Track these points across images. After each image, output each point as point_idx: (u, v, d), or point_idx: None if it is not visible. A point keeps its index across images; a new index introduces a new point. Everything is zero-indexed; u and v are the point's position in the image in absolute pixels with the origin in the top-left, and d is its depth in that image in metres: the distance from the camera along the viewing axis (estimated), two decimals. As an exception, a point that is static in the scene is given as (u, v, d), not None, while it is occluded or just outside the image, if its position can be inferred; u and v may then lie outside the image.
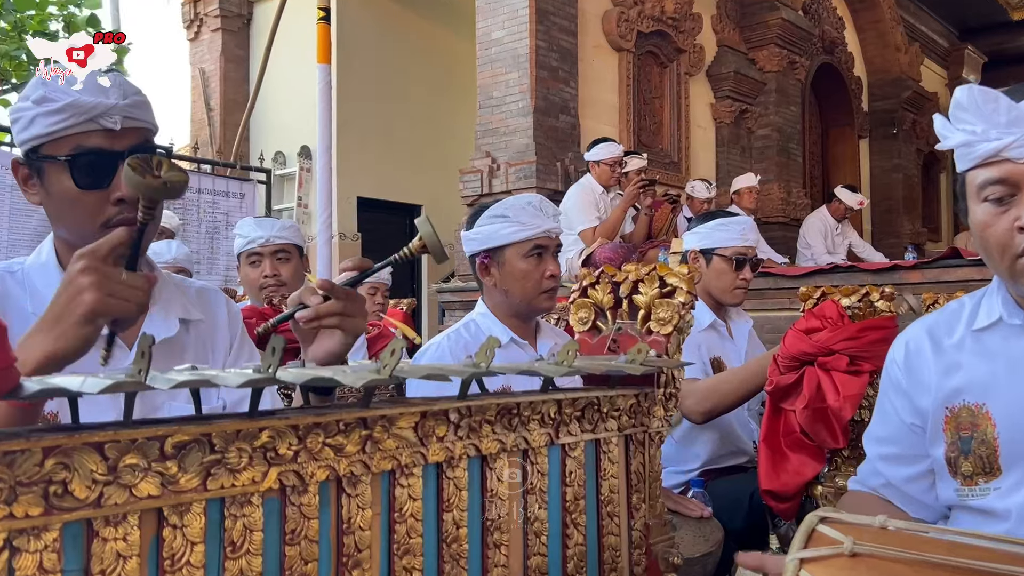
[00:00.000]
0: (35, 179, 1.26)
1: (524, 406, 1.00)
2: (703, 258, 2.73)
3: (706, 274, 2.71)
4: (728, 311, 2.78)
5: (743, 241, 2.71)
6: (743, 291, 2.70)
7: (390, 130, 9.22)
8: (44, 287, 1.27)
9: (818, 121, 11.12)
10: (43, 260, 1.31)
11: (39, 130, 1.21)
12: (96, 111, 1.20)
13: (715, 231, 2.74)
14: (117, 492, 0.67)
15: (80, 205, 1.23)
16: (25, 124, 1.22)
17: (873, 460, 1.42)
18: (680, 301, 1.35)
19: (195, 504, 0.72)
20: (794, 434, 2.03)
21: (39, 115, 1.20)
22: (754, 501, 2.27)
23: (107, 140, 1.22)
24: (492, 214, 2.09)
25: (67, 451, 0.64)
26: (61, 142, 1.21)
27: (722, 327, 2.72)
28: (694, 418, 2.39)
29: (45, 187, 1.25)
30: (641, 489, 1.20)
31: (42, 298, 1.25)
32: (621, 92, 7.77)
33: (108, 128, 1.21)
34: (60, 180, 1.22)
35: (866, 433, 1.47)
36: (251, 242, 2.72)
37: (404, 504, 0.87)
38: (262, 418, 0.77)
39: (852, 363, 1.97)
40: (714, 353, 2.60)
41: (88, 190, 1.22)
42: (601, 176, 5.51)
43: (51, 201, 1.26)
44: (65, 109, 1.19)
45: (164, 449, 0.70)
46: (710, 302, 2.71)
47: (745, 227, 2.74)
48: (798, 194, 9.38)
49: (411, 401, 0.92)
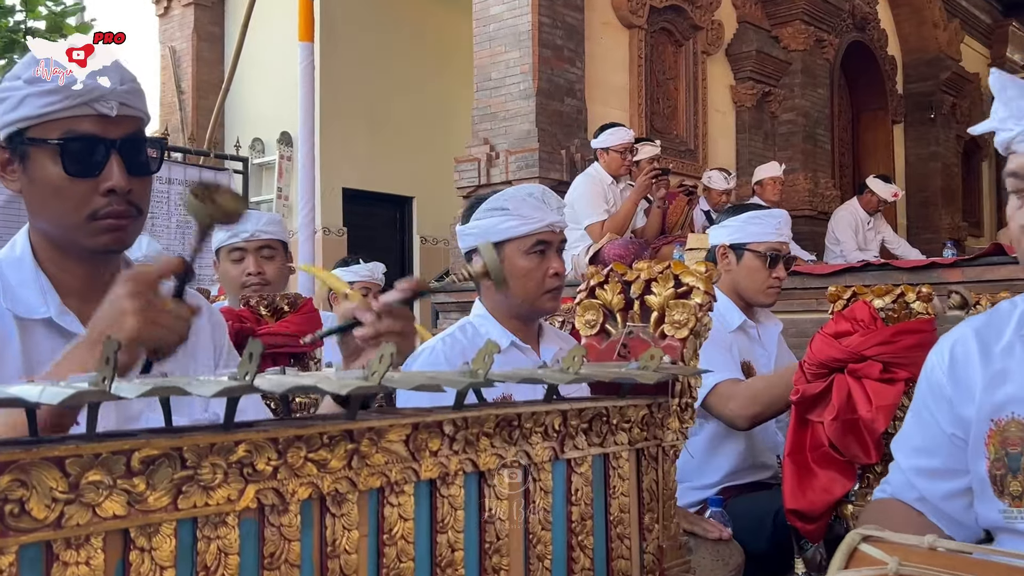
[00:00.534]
0: (16, 164, 1.27)
1: (526, 417, 1.00)
2: (733, 254, 2.74)
3: (736, 272, 2.73)
4: (757, 313, 2.80)
5: (778, 236, 2.72)
6: (776, 291, 2.72)
7: (378, 115, 9.22)
8: (18, 283, 1.28)
9: (848, 105, 11.12)
10: (17, 255, 1.31)
11: (28, 111, 1.22)
12: (92, 95, 1.22)
13: (748, 225, 2.75)
14: (79, 512, 0.67)
15: (67, 194, 1.24)
16: (13, 104, 1.23)
17: (907, 472, 1.41)
18: (697, 302, 1.35)
19: (165, 525, 0.72)
20: (822, 448, 2.03)
21: (30, 95, 1.21)
22: (778, 521, 2.27)
23: (100, 126, 1.23)
24: (490, 207, 2.09)
25: (24, 467, 0.64)
26: (51, 125, 1.22)
27: (752, 329, 2.74)
28: (739, 423, 2.42)
29: (28, 173, 1.26)
30: (654, 508, 1.20)
31: (15, 294, 1.27)
32: (632, 73, 7.77)
33: (103, 114, 1.23)
34: (46, 166, 1.23)
35: (897, 441, 1.46)
36: (233, 236, 2.73)
37: (394, 525, 0.87)
38: (238, 430, 0.77)
39: (886, 370, 1.96)
40: (743, 357, 2.62)
41: (77, 178, 1.23)
42: (610, 165, 5.51)
43: (34, 189, 1.26)
44: (59, 91, 1.20)
45: (131, 464, 0.70)
46: (739, 302, 2.73)
47: (780, 221, 2.76)
48: (826, 185, 9.39)
49: (402, 412, 0.92)
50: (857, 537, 0.83)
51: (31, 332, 1.26)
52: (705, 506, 2.33)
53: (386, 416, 0.88)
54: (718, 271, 2.76)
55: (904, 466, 1.42)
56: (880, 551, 0.80)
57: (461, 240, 2.15)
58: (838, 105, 10.49)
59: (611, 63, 7.61)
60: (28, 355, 1.25)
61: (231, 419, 0.78)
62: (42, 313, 1.27)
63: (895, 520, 1.36)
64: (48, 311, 1.27)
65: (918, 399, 1.42)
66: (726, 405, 2.43)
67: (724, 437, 2.55)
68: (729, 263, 2.74)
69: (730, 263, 2.74)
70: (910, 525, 1.35)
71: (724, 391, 2.44)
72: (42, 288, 1.28)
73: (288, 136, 8.96)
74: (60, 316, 1.27)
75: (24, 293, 1.27)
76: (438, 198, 8.98)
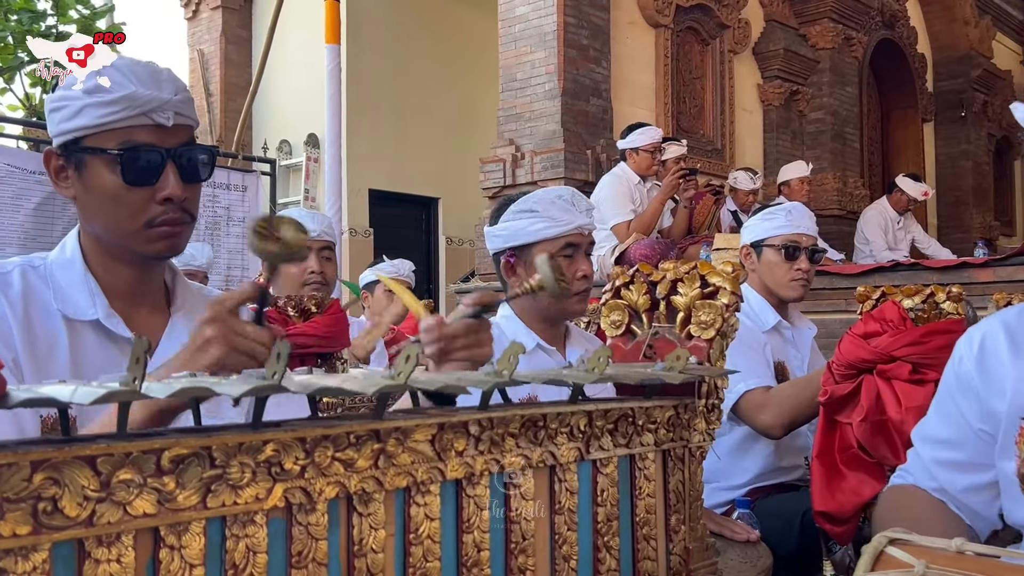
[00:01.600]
0: (71, 171, 1.30)
1: (551, 418, 1.01)
2: (754, 252, 2.77)
3: (760, 269, 2.75)
4: (791, 315, 2.79)
5: (793, 228, 2.73)
6: (801, 283, 2.71)
7: (404, 116, 9.26)
8: (68, 285, 1.31)
9: (877, 103, 11.02)
10: (68, 257, 1.34)
11: (86, 121, 1.25)
12: (150, 105, 1.25)
13: (761, 222, 2.80)
14: (110, 510, 0.68)
15: (124, 202, 1.27)
16: (70, 114, 1.26)
17: (927, 462, 1.39)
18: (723, 303, 1.34)
19: (194, 523, 0.73)
20: (851, 450, 2.01)
21: (88, 105, 1.24)
22: (806, 523, 2.25)
23: (157, 136, 1.27)
24: (519, 208, 2.10)
25: (57, 465, 0.65)
26: (108, 135, 1.25)
27: (787, 331, 2.75)
28: (773, 433, 2.43)
29: (84, 180, 1.28)
30: (680, 509, 1.20)
31: (65, 295, 1.30)
32: (658, 72, 7.74)
33: (159, 124, 1.26)
34: (104, 174, 1.26)
35: (919, 430, 1.44)
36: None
37: (420, 524, 0.88)
38: (266, 430, 0.77)
39: (915, 371, 1.95)
40: (777, 357, 2.63)
41: (135, 187, 1.26)
42: (639, 165, 5.49)
43: (90, 196, 1.29)
44: (119, 101, 1.24)
45: (161, 463, 0.71)
46: (772, 300, 2.74)
47: (792, 212, 2.77)
48: (855, 184, 9.31)
49: (427, 412, 0.92)
50: (884, 540, 0.83)
51: (79, 333, 1.29)
52: (733, 507, 2.32)
53: (412, 416, 0.89)
54: (744, 271, 2.76)
55: (925, 456, 1.40)
56: (907, 554, 0.80)
57: (489, 241, 2.16)
58: (867, 104, 10.40)
59: (637, 63, 7.58)
60: (75, 355, 1.28)
61: (259, 419, 0.79)
62: (90, 315, 1.30)
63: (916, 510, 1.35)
64: (96, 313, 1.30)
65: (943, 390, 1.40)
66: (758, 416, 2.43)
67: (754, 439, 2.54)
68: (752, 262, 2.78)
69: (753, 262, 2.78)
70: (931, 515, 1.33)
71: (755, 401, 2.44)
72: (91, 291, 1.31)
73: (315, 138, 9.01)
74: (107, 319, 1.30)
75: (74, 294, 1.31)
76: (464, 199, 9.00)
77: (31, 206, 6.18)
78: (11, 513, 0.63)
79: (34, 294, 1.29)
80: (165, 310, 1.41)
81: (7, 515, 0.63)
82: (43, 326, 1.27)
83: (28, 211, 6.17)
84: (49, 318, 1.28)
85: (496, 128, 7.23)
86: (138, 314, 1.36)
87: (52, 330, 1.28)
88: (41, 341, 1.26)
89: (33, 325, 1.26)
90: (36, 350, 1.25)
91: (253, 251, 1.07)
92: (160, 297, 1.42)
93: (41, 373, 1.23)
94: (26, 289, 1.29)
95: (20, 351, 1.23)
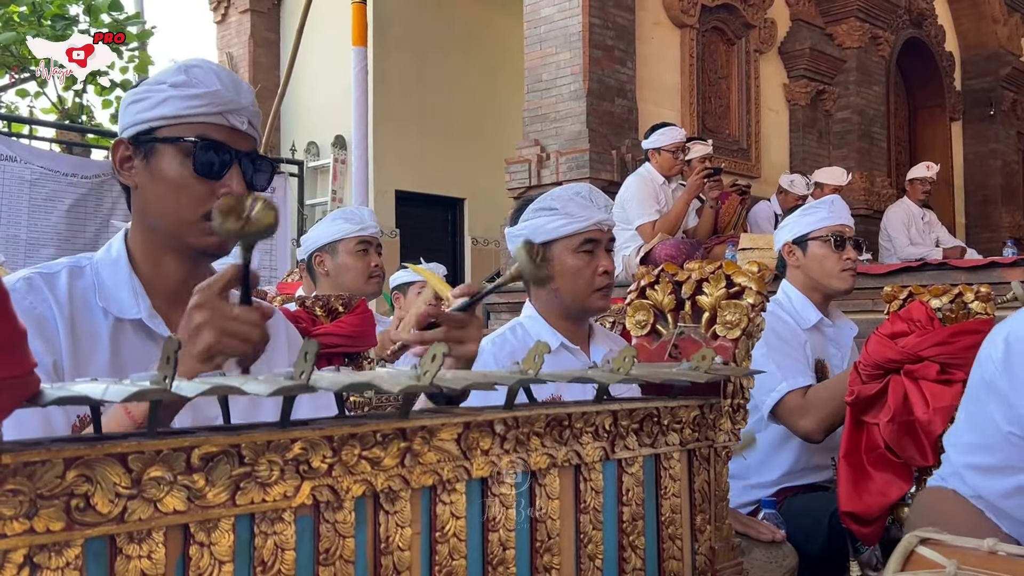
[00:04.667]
0: (138, 160, 1.34)
1: (576, 417, 1.00)
2: (798, 249, 2.76)
3: (806, 265, 2.74)
4: (832, 312, 2.78)
5: (836, 219, 2.74)
6: (851, 273, 2.71)
7: (430, 118, 9.28)
8: (113, 285, 1.34)
9: (904, 102, 10.92)
10: (113, 257, 1.37)
11: (168, 111, 1.30)
12: (230, 106, 1.32)
13: (802, 218, 2.79)
14: (141, 507, 0.68)
15: (188, 191, 1.31)
16: (152, 104, 1.31)
17: (959, 468, 1.36)
18: (749, 302, 1.34)
19: (223, 520, 0.73)
20: (878, 450, 2.00)
21: (173, 97, 1.30)
22: (833, 524, 2.24)
23: (229, 137, 1.33)
24: (538, 207, 2.10)
25: (89, 462, 0.66)
26: (185, 127, 1.31)
27: (828, 328, 2.73)
28: (814, 437, 2.42)
29: (151, 168, 1.33)
30: (706, 509, 1.19)
31: (109, 294, 1.33)
32: (684, 72, 7.71)
33: (234, 126, 1.33)
34: (173, 164, 1.31)
35: (950, 436, 1.41)
36: (363, 228, 2.90)
37: (446, 523, 0.88)
38: (294, 428, 0.78)
39: (943, 371, 1.93)
40: (817, 355, 2.62)
41: (203, 177, 1.31)
42: (662, 165, 5.47)
43: (153, 184, 1.33)
44: (204, 96, 1.30)
45: (191, 461, 0.71)
46: (816, 297, 2.72)
47: (834, 204, 2.79)
48: (882, 183, 9.23)
49: (453, 411, 0.93)
50: (914, 539, 0.82)
51: (122, 331, 1.32)
52: (758, 508, 2.31)
53: (438, 415, 0.89)
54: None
55: (957, 462, 1.36)
56: (938, 554, 0.79)
57: (510, 242, 2.16)
58: (894, 102, 10.30)
59: (662, 63, 7.56)
60: (117, 353, 1.30)
61: (287, 417, 0.79)
62: (134, 314, 1.32)
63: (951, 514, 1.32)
64: (139, 312, 1.32)
65: (970, 393, 1.37)
66: (798, 421, 2.42)
67: (787, 436, 2.53)
68: (797, 258, 2.76)
69: (798, 258, 2.75)
70: (967, 520, 1.31)
71: (794, 406, 2.43)
72: (135, 290, 1.33)
73: (342, 139, 9.06)
74: (150, 318, 1.33)
75: (118, 293, 1.33)
76: (489, 199, 9.01)
77: (64, 208, 6.26)
78: (45, 510, 0.64)
79: (79, 293, 1.31)
80: None
81: (41, 511, 0.64)
82: (87, 324, 1.30)
83: (61, 213, 6.26)
84: (92, 316, 1.31)
85: (521, 129, 7.24)
86: (178, 314, 1.37)
87: (95, 328, 1.30)
88: (84, 340, 1.28)
89: (77, 324, 1.29)
90: (79, 350, 1.27)
91: (220, 231, 1.01)
92: None
93: (82, 372, 1.24)
94: (72, 289, 1.31)
95: (64, 353, 1.25)
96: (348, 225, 2.91)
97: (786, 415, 2.44)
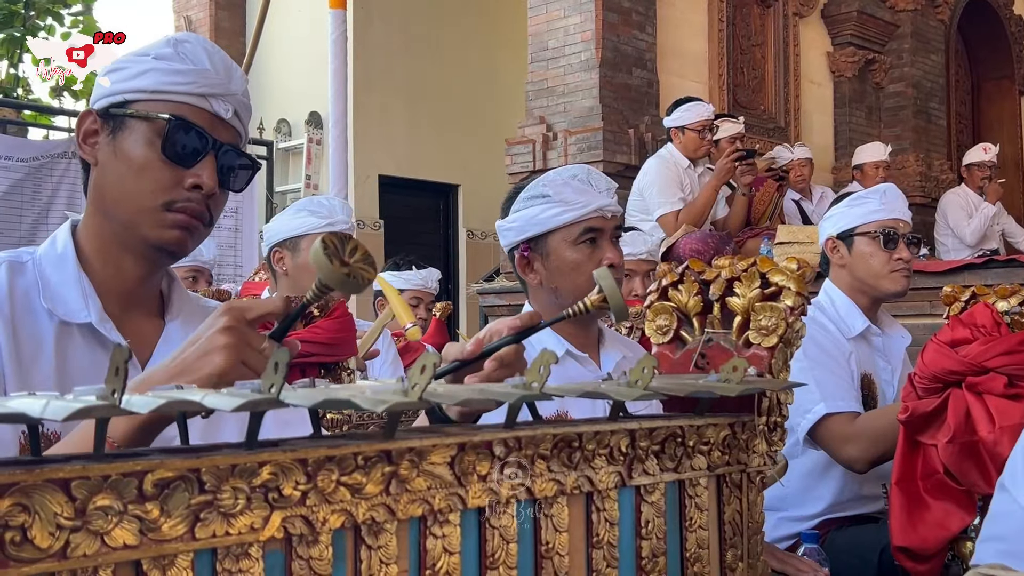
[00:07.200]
0: (104, 135, 1.35)
1: (588, 437, 1.00)
2: (843, 245, 2.75)
3: (851, 263, 2.72)
4: (882, 319, 2.77)
5: (888, 212, 2.71)
6: (904, 274, 2.69)
7: (419, 92, 9.28)
8: (59, 283, 1.34)
9: (967, 73, 10.92)
10: (59, 252, 1.37)
11: (146, 83, 1.32)
12: (215, 90, 1.33)
13: (850, 209, 2.77)
14: (86, 540, 0.68)
15: (151, 175, 1.32)
16: (130, 75, 1.33)
17: None
18: (787, 305, 1.34)
19: (181, 556, 0.73)
20: (936, 475, 2.00)
21: (154, 70, 1.32)
22: (884, 560, 2.24)
23: (210, 123, 1.34)
24: (529, 195, 2.09)
25: (26, 489, 0.66)
26: (162, 104, 1.32)
27: (876, 337, 2.72)
28: (857, 467, 2.41)
29: (115, 144, 1.34)
30: (738, 544, 1.19)
31: (55, 294, 1.33)
32: (711, 39, 7.72)
33: (216, 113, 1.34)
34: (140, 142, 1.32)
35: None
36: (331, 223, 2.87)
37: (438, 559, 0.88)
38: (262, 450, 0.78)
39: (1011, 384, 1.93)
40: (864, 368, 2.60)
41: (171, 162, 1.31)
42: (686, 146, 5.48)
43: (115, 163, 1.34)
44: (188, 74, 1.32)
45: (143, 488, 0.71)
46: (863, 301, 2.71)
47: (887, 194, 2.76)
48: (941, 167, 9.22)
49: (446, 430, 0.93)
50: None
51: (69, 336, 1.32)
52: (798, 542, 2.31)
53: (428, 435, 0.89)
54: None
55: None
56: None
57: (502, 236, 2.15)
58: (955, 74, 10.29)
59: (687, 28, 7.56)
60: (62, 360, 1.30)
61: (254, 437, 0.79)
62: (83, 317, 1.32)
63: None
64: (89, 315, 1.32)
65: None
66: (842, 448, 2.41)
67: (830, 463, 2.52)
68: (842, 256, 2.74)
69: (842, 256, 2.74)
70: None
71: (839, 431, 2.41)
72: (84, 291, 1.34)
73: (317, 117, 9.06)
74: (101, 322, 1.33)
75: (65, 294, 1.33)
76: (487, 186, 9.00)
77: (-5, 194, 6.26)
78: (-26, 544, 0.64)
79: (21, 292, 1.31)
80: (159, 317, 1.44)
81: (-30, 546, 0.64)
82: (29, 327, 1.30)
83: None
84: (36, 318, 1.31)
85: (524, 105, 7.24)
86: (131, 319, 1.38)
87: (38, 332, 1.30)
88: (26, 345, 1.28)
89: (19, 327, 1.29)
90: (21, 355, 1.27)
91: (313, 262, 1.02)
92: (155, 303, 1.45)
93: (25, 380, 1.25)
94: (12, 287, 1.31)
95: (5, 358, 1.26)
96: (313, 219, 2.88)
97: (829, 439, 2.43)
